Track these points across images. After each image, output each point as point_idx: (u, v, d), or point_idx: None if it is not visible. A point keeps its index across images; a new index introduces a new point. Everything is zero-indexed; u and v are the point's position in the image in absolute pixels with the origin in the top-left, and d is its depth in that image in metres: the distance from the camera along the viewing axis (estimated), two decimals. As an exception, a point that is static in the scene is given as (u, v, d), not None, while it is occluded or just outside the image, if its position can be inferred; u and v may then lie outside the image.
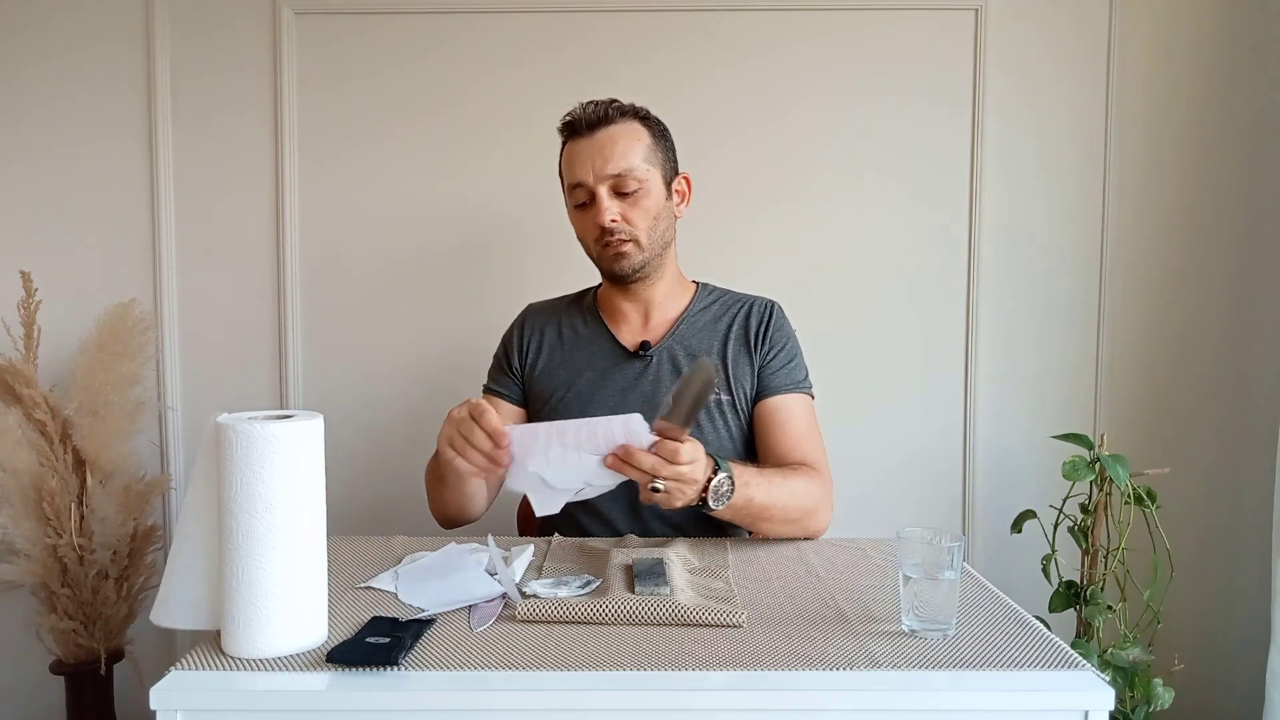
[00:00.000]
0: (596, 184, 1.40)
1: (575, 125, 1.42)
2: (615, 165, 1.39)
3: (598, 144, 1.40)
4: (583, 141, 1.41)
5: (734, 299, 1.55)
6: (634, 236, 1.41)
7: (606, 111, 1.42)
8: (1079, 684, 0.86)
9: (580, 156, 1.41)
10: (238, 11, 1.95)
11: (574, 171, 1.42)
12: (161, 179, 1.96)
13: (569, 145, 1.44)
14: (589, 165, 1.40)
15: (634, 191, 1.41)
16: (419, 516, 2.00)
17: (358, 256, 1.99)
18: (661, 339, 1.48)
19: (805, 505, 1.33)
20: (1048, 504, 1.86)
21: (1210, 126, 1.96)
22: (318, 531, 0.94)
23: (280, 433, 0.89)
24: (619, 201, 1.40)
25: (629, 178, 1.40)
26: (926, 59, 1.95)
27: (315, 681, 0.87)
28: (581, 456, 1.12)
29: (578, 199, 1.43)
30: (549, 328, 1.54)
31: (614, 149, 1.40)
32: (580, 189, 1.41)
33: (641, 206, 1.41)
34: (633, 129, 1.42)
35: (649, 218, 1.42)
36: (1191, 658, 1.85)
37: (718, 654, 0.91)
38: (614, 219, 1.40)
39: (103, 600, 1.84)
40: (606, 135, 1.40)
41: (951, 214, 1.98)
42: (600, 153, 1.39)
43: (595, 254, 1.46)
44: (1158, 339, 2.00)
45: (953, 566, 0.95)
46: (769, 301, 1.53)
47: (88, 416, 1.81)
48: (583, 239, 1.47)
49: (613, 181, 1.40)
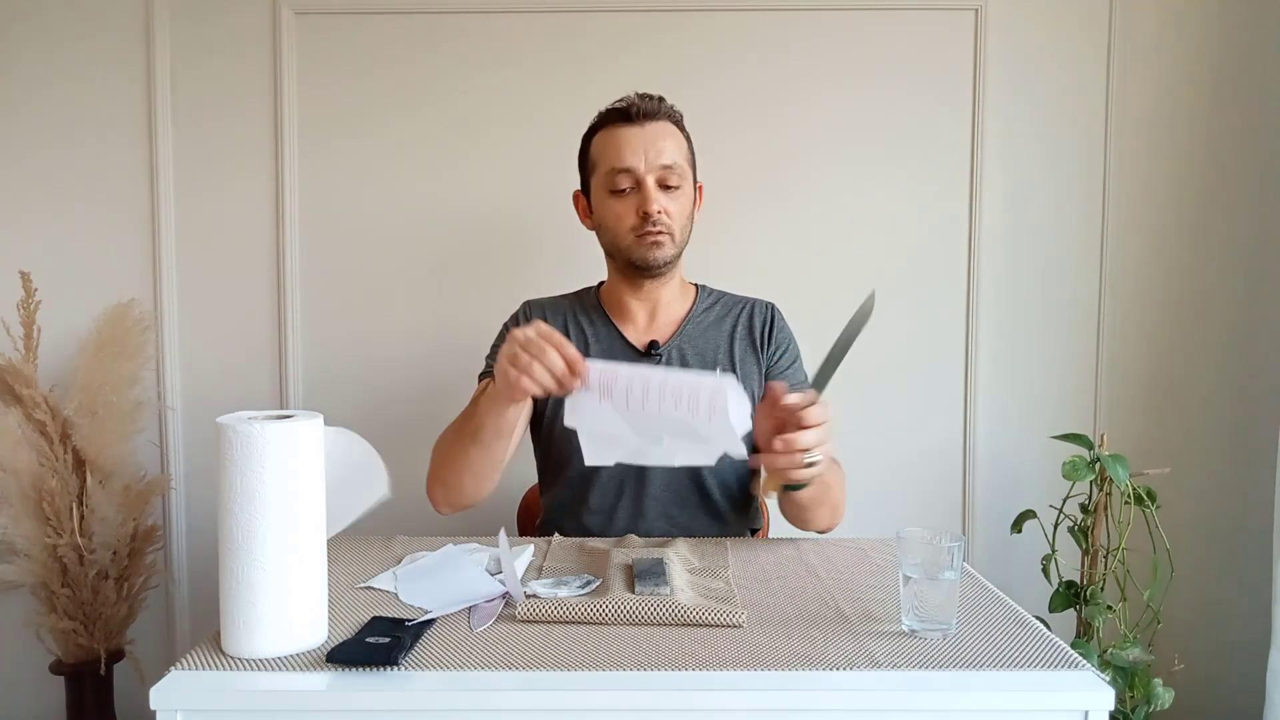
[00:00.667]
0: (647, 173, 1.41)
1: (629, 112, 1.43)
2: (666, 158, 1.42)
3: (650, 135, 1.42)
4: (633, 129, 1.42)
5: (734, 301, 1.56)
6: (671, 230, 1.43)
7: (660, 106, 1.45)
8: (1079, 684, 0.86)
9: (632, 143, 1.41)
10: (238, 11, 1.95)
11: (622, 156, 1.41)
12: (161, 179, 1.96)
13: (616, 130, 1.44)
14: (641, 153, 1.41)
15: (676, 187, 1.43)
16: (419, 516, 2.00)
17: (358, 256, 1.99)
18: (669, 339, 1.49)
19: (841, 497, 1.39)
20: (1048, 504, 1.86)
21: (1211, 126, 1.96)
22: (318, 531, 0.94)
23: (280, 433, 0.89)
24: (663, 194, 1.42)
25: (675, 173, 1.42)
26: (926, 59, 1.95)
27: (315, 681, 0.87)
28: (661, 409, 1.05)
29: (619, 184, 1.42)
30: (555, 322, 1.52)
31: (665, 143, 1.42)
32: (626, 175, 1.42)
33: (679, 203, 1.44)
34: (675, 130, 1.46)
35: (683, 216, 1.46)
36: (1191, 658, 1.85)
37: (718, 654, 0.91)
38: (660, 209, 1.41)
39: (103, 600, 1.84)
40: (659, 129, 1.43)
41: (951, 214, 1.98)
42: (654, 143, 1.41)
43: (627, 242, 1.44)
44: (1158, 339, 2.00)
45: (953, 566, 0.95)
46: (768, 303, 1.55)
47: (87, 416, 1.81)
48: (613, 226, 1.45)
49: (661, 174, 1.41)
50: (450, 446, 1.37)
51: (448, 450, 1.37)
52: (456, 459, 1.34)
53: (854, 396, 1.98)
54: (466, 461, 1.32)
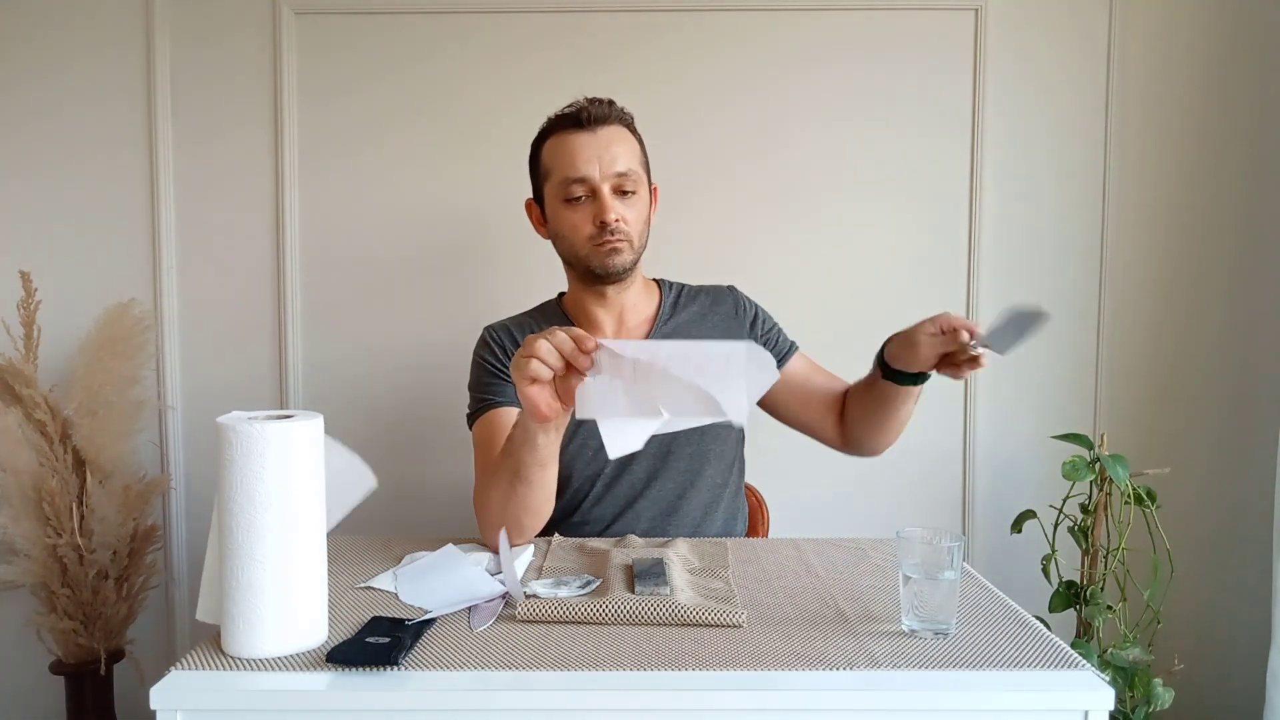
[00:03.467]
0: (602, 181, 1.38)
1: (580, 118, 1.40)
2: (621, 164, 1.39)
3: (602, 141, 1.39)
4: (584, 136, 1.39)
5: (698, 291, 1.57)
6: (629, 237, 1.41)
7: (610, 110, 1.42)
8: (1079, 684, 0.86)
9: (584, 151, 1.39)
10: (238, 12, 1.95)
11: (575, 165, 1.39)
12: (161, 178, 1.96)
13: (566, 137, 1.41)
14: (594, 161, 1.38)
15: (632, 193, 1.41)
16: (419, 516, 2.01)
17: (358, 256, 1.99)
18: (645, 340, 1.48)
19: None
20: (1048, 504, 1.86)
21: (1211, 126, 1.96)
22: (318, 531, 0.94)
23: (280, 433, 0.89)
24: (619, 201, 1.40)
25: (630, 179, 1.40)
26: (926, 59, 1.95)
27: (315, 681, 0.87)
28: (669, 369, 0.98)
29: (572, 193, 1.40)
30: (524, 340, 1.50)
31: (619, 149, 1.40)
32: (580, 184, 1.39)
33: (635, 209, 1.42)
34: (627, 133, 1.44)
35: (640, 221, 1.44)
36: (1191, 658, 1.85)
37: (718, 654, 0.91)
38: (618, 217, 1.39)
39: (103, 600, 1.84)
40: (610, 134, 1.40)
41: (951, 213, 1.98)
42: (607, 150, 1.39)
43: (585, 252, 1.41)
44: (1158, 339, 2.00)
45: (953, 566, 0.95)
46: (729, 286, 1.58)
47: (88, 416, 1.81)
48: (570, 236, 1.42)
49: (616, 181, 1.39)
50: (494, 492, 1.27)
51: (494, 498, 1.28)
52: (508, 503, 1.25)
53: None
54: (520, 502, 1.25)
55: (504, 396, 1.45)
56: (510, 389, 1.47)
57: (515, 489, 1.23)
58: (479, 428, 1.44)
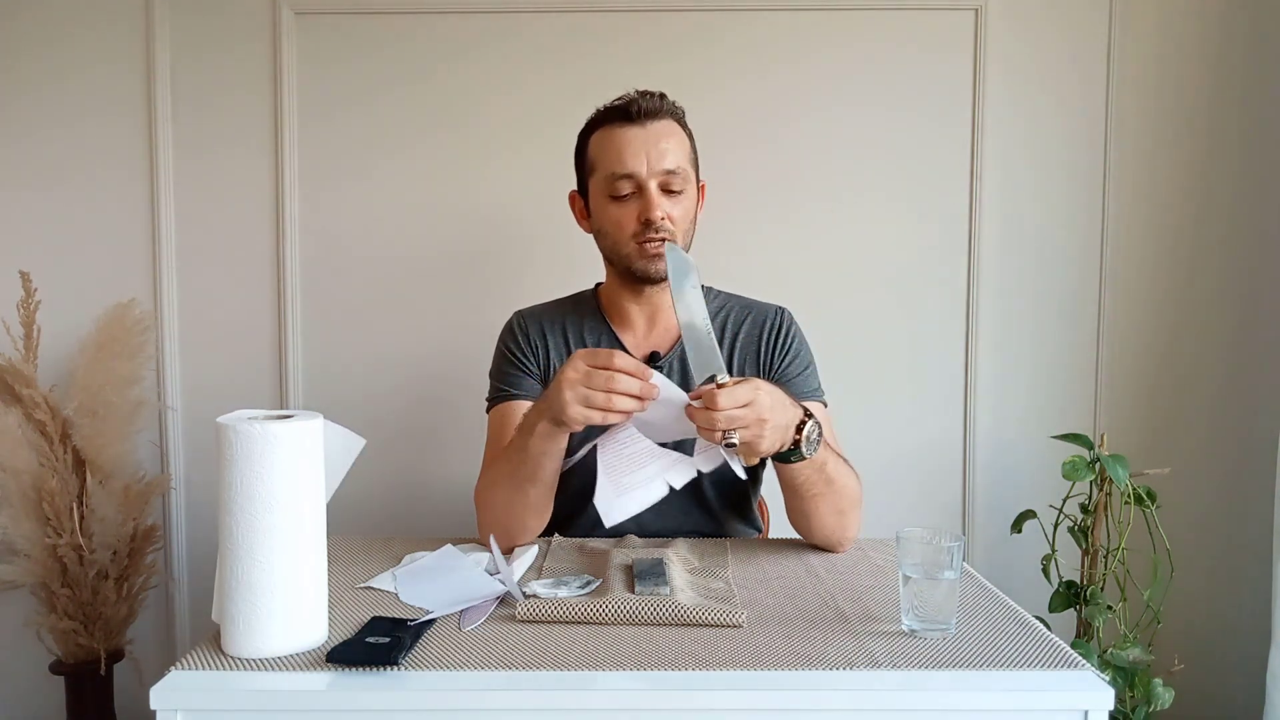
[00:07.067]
0: (650, 177, 1.33)
1: (630, 111, 1.35)
2: (669, 161, 1.34)
3: (652, 135, 1.34)
4: (634, 130, 1.34)
5: (742, 306, 1.49)
6: (674, 236, 1.35)
7: (661, 103, 1.37)
8: (1079, 684, 0.86)
9: (633, 145, 1.34)
10: (238, 11, 1.94)
11: (623, 161, 1.34)
12: (161, 179, 1.96)
13: (615, 130, 1.36)
14: (643, 156, 1.33)
15: (680, 191, 1.36)
16: (419, 516, 2.01)
17: (358, 256, 1.99)
18: (671, 348, 1.44)
19: (853, 498, 1.27)
20: (1048, 504, 1.86)
21: (1210, 126, 1.96)
22: (318, 531, 0.94)
23: (280, 433, 0.89)
24: (665, 198, 1.36)
25: (678, 176, 1.35)
26: (926, 59, 1.95)
27: (315, 681, 0.87)
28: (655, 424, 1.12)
29: (620, 189, 1.35)
30: (552, 332, 1.47)
31: (668, 144, 1.35)
32: (627, 180, 1.34)
33: (682, 207, 1.37)
34: (677, 128, 1.38)
35: (686, 219, 1.39)
36: (1191, 658, 1.85)
37: (718, 654, 0.91)
38: (664, 215, 1.34)
39: (103, 600, 1.84)
40: (660, 129, 1.35)
41: (952, 213, 1.98)
42: (656, 145, 1.34)
43: (628, 250, 1.37)
44: (1158, 339, 2.00)
45: (952, 566, 0.95)
46: (779, 308, 1.49)
47: (87, 416, 1.81)
48: (614, 232, 1.38)
49: (664, 178, 1.34)
50: (501, 492, 1.27)
51: (502, 497, 1.28)
52: (515, 504, 1.26)
53: (855, 396, 1.97)
54: (527, 502, 1.25)
55: (520, 389, 1.43)
56: (527, 382, 1.45)
57: (527, 492, 1.24)
58: (494, 417, 1.42)
